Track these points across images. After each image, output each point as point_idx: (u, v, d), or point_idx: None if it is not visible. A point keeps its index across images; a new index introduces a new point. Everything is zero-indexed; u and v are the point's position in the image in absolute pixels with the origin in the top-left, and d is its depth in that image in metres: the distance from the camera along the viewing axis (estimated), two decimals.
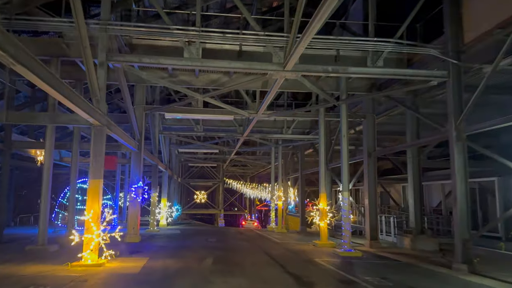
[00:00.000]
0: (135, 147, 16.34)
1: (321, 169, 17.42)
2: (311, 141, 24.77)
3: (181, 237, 18.84)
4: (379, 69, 12.47)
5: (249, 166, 47.44)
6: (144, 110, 17.04)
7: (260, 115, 17.16)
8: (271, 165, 28.55)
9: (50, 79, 7.61)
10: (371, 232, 16.95)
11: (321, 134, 17.54)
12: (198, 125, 23.21)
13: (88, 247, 10.35)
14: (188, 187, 47.96)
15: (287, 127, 23.82)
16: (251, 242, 17.41)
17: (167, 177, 27.65)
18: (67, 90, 8.69)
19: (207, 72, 16.72)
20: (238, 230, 26.02)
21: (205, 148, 28.71)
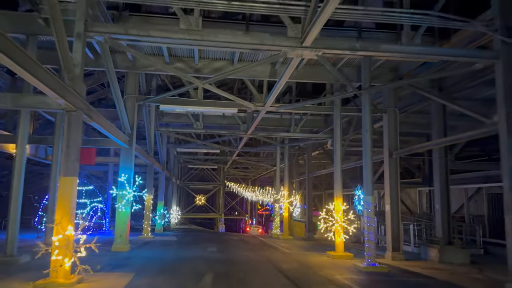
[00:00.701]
0: (125, 143, 14.15)
1: (336, 169, 15.20)
2: (321, 140, 22.55)
3: (177, 246, 16.59)
4: (416, 47, 10.28)
5: (250, 168, 45.20)
6: (137, 101, 14.86)
7: (267, 107, 14.97)
8: (276, 167, 26.34)
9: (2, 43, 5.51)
10: (393, 243, 14.71)
11: (337, 129, 15.34)
12: (198, 121, 21.03)
13: (57, 262, 8.14)
14: (188, 190, 45.69)
15: (295, 125, 21.62)
16: (256, 252, 15.17)
17: (164, 178, 25.45)
18: (29, 62, 6.53)
19: (208, 59, 14.63)
20: (241, 237, 23.76)
21: (206, 148, 26.50)
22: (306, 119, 22.08)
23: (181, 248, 15.63)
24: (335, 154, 15.27)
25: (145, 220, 19.94)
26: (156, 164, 21.68)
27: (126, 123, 14.33)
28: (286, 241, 20.96)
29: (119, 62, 14.27)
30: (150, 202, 20.11)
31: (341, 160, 15.20)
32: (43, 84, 7.11)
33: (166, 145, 25.62)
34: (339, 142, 15.22)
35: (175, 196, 35.13)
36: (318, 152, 29.32)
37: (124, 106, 14.61)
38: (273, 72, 14.85)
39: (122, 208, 14.21)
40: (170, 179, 30.17)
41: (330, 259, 14.01)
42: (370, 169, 12.76)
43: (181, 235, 23.48)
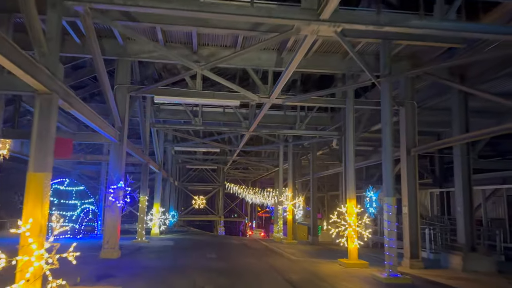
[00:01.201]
0: (115, 137, 12.64)
1: (349, 168, 13.68)
2: (327, 138, 21.05)
3: (173, 252, 15.05)
4: (452, 23, 8.78)
5: (251, 169, 43.66)
6: (128, 92, 13.34)
7: (273, 99, 13.48)
8: (279, 167, 24.80)
9: None
10: (411, 249, 13.22)
11: (349, 124, 13.81)
12: (197, 117, 19.53)
13: (23, 276, 6.61)
14: (186, 192, 44.12)
15: (300, 122, 20.13)
16: (260, 259, 13.65)
17: (160, 179, 23.89)
18: None
19: (208, 46, 13.17)
20: (242, 241, 22.22)
21: (205, 147, 24.98)
22: (312, 116, 20.62)
23: (178, 255, 14.09)
24: (347, 152, 13.76)
25: (139, 223, 18.40)
26: (152, 164, 20.16)
27: (116, 115, 12.82)
28: (291, 246, 19.43)
29: (109, 49, 12.83)
30: (144, 203, 18.58)
31: (354, 158, 13.69)
32: (8, 61, 5.64)
33: (163, 143, 24.10)
34: (351, 138, 13.71)
35: (173, 198, 33.56)
36: (322, 152, 27.83)
37: (114, 97, 13.13)
38: (279, 60, 13.40)
39: (110, 210, 12.69)
40: (168, 180, 28.64)
41: (343, 267, 12.50)
42: (391, 167, 11.27)
43: (178, 239, 21.93)
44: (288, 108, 21.60)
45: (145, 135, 18.20)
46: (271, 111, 21.29)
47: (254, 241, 22.79)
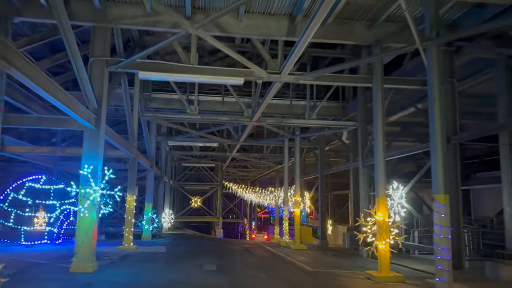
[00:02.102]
0: (89, 122, 10.05)
1: (379, 160, 11.09)
2: (340, 128, 18.50)
3: (164, 262, 12.45)
4: None
5: (250, 168, 41.04)
6: (107, 66, 10.74)
7: (284, 76, 10.90)
8: (284, 163, 22.22)
9: None
10: (453, 258, 10.66)
11: (378, 105, 11.20)
12: (193, 105, 16.95)
13: None
14: (183, 192, 41.43)
15: (310, 111, 17.59)
16: (271, 273, 11.06)
17: (152, 177, 21.27)
18: None
19: (204, 10, 10.62)
20: (244, 246, 19.59)
21: (202, 141, 22.34)
22: (322, 106, 18.10)
23: (169, 266, 11.48)
24: (376, 141, 11.17)
25: (126, 226, 15.77)
26: (141, 159, 17.55)
27: (91, 95, 10.23)
28: (301, 252, 16.85)
29: (83, 13, 10.24)
30: (132, 204, 15.97)
31: (383, 147, 11.12)
32: None
33: (155, 137, 21.48)
34: (380, 123, 11.12)
35: (168, 198, 30.93)
36: (329, 148, 25.27)
37: (89, 73, 10.55)
38: (292, 29, 10.84)
39: (84, 212, 10.08)
40: (162, 178, 26.02)
41: (374, 283, 9.93)
42: (442, 156, 8.72)
43: (172, 243, 19.31)
44: (294, 97, 19.08)
45: (132, 125, 15.62)
46: (276, 100, 18.82)
47: (257, 246, 20.21)
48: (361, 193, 16.72)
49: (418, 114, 15.78)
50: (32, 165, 21.69)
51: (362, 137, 16.87)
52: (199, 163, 33.40)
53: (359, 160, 17.01)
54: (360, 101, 16.95)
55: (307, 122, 17.32)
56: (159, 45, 10.54)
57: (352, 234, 21.48)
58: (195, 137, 22.04)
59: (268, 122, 17.27)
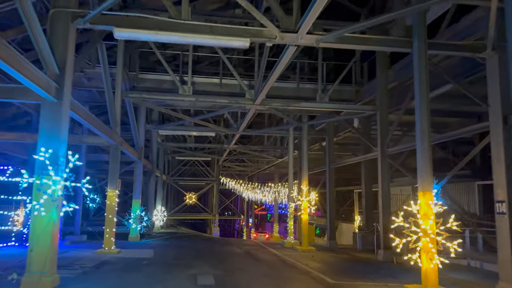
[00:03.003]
0: (48, 91, 7.51)
1: (423, 145, 8.62)
2: (356, 113, 16.03)
3: (148, 272, 9.94)
4: None
5: (248, 162, 38.46)
6: (73, 20, 8.18)
7: (303, 36, 8.39)
8: (289, 154, 19.77)
9: None
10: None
11: (421, 77, 8.71)
12: (186, 85, 14.44)
13: None
14: (177, 187, 38.86)
15: (322, 93, 15.14)
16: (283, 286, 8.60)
17: (141, 170, 18.74)
18: None
19: None
20: (245, 248, 17.07)
21: (197, 130, 19.78)
22: (333, 89, 15.65)
23: (154, 279, 8.99)
24: (419, 122, 8.69)
25: (106, 226, 13.25)
26: (126, 148, 15.04)
27: (49, 56, 7.68)
28: (311, 256, 14.41)
29: None
30: (114, 200, 13.44)
31: (429, 131, 8.64)
32: None
33: (144, 125, 18.92)
34: (425, 97, 8.63)
35: (160, 194, 28.41)
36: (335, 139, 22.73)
37: (49, 29, 8.02)
38: None
39: (40, 210, 7.57)
40: (153, 173, 23.47)
41: None
42: None
43: (162, 245, 16.83)
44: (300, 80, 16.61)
45: (114, 107, 13.08)
46: (281, 83, 16.36)
47: (259, 247, 17.72)
48: (380, 188, 14.32)
49: (449, 96, 13.45)
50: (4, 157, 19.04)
51: (381, 123, 14.47)
52: (194, 157, 30.83)
53: (377, 150, 14.59)
54: (379, 82, 14.56)
55: (319, 106, 14.88)
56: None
57: (364, 235, 19.15)
58: (189, 125, 19.52)
59: (274, 105, 14.79)
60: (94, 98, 17.59)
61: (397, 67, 14.60)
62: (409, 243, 8.27)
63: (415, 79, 8.84)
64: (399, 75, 14.51)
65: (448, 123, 18.58)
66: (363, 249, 18.52)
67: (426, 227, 8.07)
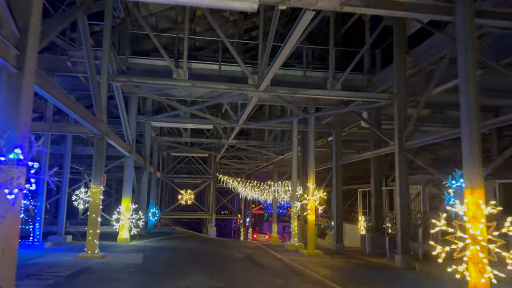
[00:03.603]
0: (5, 58, 5.83)
1: (470, 132, 7.03)
2: (372, 102, 14.39)
3: (133, 283, 8.29)
4: None
5: (245, 160, 36.79)
6: None
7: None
8: (292, 149, 18.16)
9: None
10: None
11: (467, 50, 7.11)
12: (181, 68, 12.79)
13: None
14: (172, 185, 37.13)
15: (333, 79, 13.54)
16: None
17: (131, 165, 17.08)
18: None
19: None
20: (245, 251, 15.40)
21: (193, 122, 18.09)
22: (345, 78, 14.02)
23: None
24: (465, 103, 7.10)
25: (89, 227, 11.57)
26: (114, 139, 13.38)
27: (4, 11, 5.99)
28: (320, 262, 12.81)
29: None
30: (98, 197, 11.75)
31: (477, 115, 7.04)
32: None
33: (135, 117, 17.23)
34: (473, 76, 7.03)
35: (154, 192, 26.71)
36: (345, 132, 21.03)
37: None
38: None
39: None
40: (145, 169, 21.78)
41: None
42: None
43: (154, 248, 15.17)
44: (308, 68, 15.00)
45: (97, 90, 11.41)
46: (286, 70, 14.77)
47: (261, 250, 16.06)
48: (398, 185, 12.71)
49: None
50: None
51: (399, 113, 12.89)
52: (190, 153, 29.12)
53: (394, 143, 13.00)
54: (397, 68, 12.99)
55: (330, 94, 13.25)
56: None
57: (374, 237, 17.57)
58: (185, 117, 17.85)
59: (279, 92, 13.14)
60: (82, 87, 15.90)
61: (417, 51, 13.06)
62: (453, 251, 6.67)
63: (459, 54, 7.24)
64: (419, 61, 12.96)
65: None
66: (373, 253, 16.97)
67: (475, 232, 6.48)
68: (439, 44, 11.80)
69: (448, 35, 10.64)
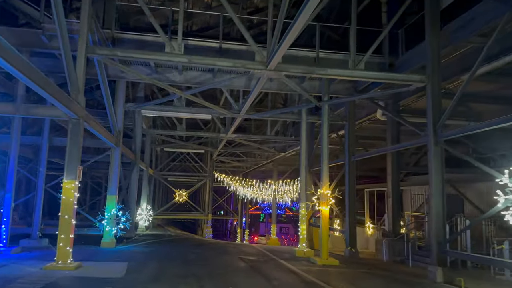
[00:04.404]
0: None
1: None
2: (402, 85, 12.23)
3: None
4: None
5: (244, 157, 34.57)
6: None
7: None
8: (301, 141, 16.03)
9: None
10: None
11: None
12: (175, 40, 10.63)
13: None
14: (166, 184, 34.82)
15: (355, 60, 11.44)
16: None
17: (118, 159, 14.87)
18: None
19: None
20: (248, 258, 13.19)
21: (189, 112, 15.86)
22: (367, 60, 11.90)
23: None
24: None
25: (60, 231, 9.34)
26: (94, 126, 11.17)
27: None
28: (339, 274, 10.70)
29: None
30: (72, 194, 9.52)
31: None
32: None
33: (123, 103, 15.00)
34: None
35: (146, 190, 24.47)
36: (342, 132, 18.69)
37: None
38: None
39: None
40: (136, 164, 19.57)
41: None
42: None
43: (143, 254, 12.98)
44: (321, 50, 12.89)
45: (71, 65, 9.22)
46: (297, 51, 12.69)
47: (266, 257, 13.84)
48: (433, 183, 10.60)
49: None
50: None
51: (434, 98, 10.83)
52: (186, 148, 26.82)
53: (428, 134, 10.91)
54: (430, 45, 10.96)
55: (353, 74, 11.10)
56: None
57: (392, 243, 15.51)
58: (180, 105, 15.65)
59: (292, 71, 10.99)
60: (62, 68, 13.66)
61: (451, 27, 11.00)
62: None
63: None
64: (454, 38, 10.90)
65: (484, 112, 15.14)
66: (391, 260, 14.92)
67: None
68: (485, 14, 9.76)
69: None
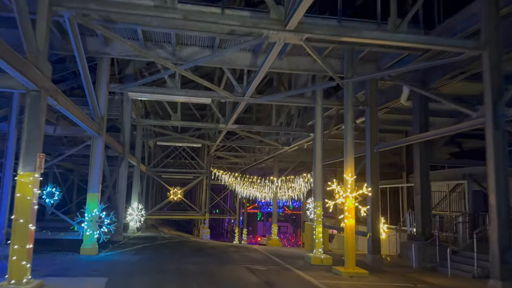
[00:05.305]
0: None
1: None
2: (457, 53, 9.90)
3: None
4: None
5: (243, 152, 32.11)
6: None
7: None
8: (315, 129, 13.62)
9: None
10: None
11: None
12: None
13: None
14: (160, 181, 32.36)
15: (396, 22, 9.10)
16: None
17: (101, 150, 12.42)
18: None
19: None
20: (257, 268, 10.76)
21: (185, 95, 13.39)
22: None
23: None
24: None
25: (14, 240, 6.92)
26: (64, 104, 8.74)
27: None
28: None
29: None
30: (30, 191, 7.09)
31: None
32: None
33: (106, 83, 12.53)
34: None
35: (137, 188, 22.06)
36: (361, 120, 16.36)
37: None
38: None
39: None
40: (125, 158, 17.15)
41: None
42: None
43: (128, 264, 10.58)
44: None
45: (27, 16, 6.82)
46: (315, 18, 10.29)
47: (278, 267, 11.44)
48: (493, 174, 8.31)
49: None
50: None
51: (492, 71, 8.52)
52: (181, 142, 24.30)
53: (485, 114, 8.61)
54: (486, 5, 8.64)
55: (394, 38, 8.69)
56: None
57: (422, 247, 13.23)
58: (174, 87, 13.23)
59: (318, 33, 8.59)
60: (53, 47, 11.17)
61: None
62: None
63: None
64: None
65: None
66: (421, 267, 12.63)
67: None
68: None
69: None
